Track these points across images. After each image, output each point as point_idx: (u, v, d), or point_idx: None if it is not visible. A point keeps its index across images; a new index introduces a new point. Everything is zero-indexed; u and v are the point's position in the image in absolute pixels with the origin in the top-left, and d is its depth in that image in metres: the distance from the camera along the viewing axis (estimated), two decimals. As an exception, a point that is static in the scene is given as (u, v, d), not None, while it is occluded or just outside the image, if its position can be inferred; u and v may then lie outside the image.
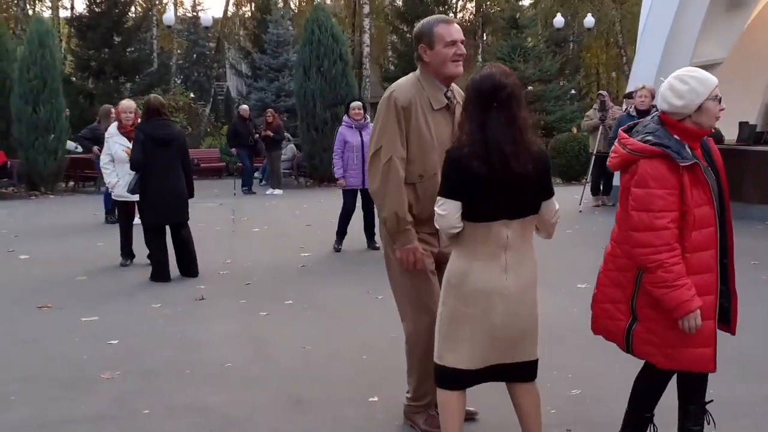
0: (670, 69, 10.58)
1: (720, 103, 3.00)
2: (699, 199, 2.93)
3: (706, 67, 11.79)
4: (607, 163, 3.21)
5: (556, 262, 7.95)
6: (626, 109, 10.53)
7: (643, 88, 8.53)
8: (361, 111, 8.90)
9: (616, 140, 3.11)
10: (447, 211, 2.99)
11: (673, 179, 2.89)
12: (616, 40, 35.70)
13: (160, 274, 7.33)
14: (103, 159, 8.23)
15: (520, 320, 3.06)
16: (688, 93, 2.92)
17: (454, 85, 3.62)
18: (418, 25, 3.59)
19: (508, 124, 2.92)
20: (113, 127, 8.25)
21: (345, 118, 9.05)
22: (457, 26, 3.53)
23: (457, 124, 3.14)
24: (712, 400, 3.31)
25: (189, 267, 7.48)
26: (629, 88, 12.72)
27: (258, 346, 5.30)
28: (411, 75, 3.60)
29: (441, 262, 3.51)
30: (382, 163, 3.44)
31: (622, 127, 3.17)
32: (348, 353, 5.02)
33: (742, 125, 11.10)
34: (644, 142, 2.95)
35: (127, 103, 8.36)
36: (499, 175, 2.89)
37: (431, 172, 3.44)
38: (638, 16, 17.28)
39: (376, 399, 4.18)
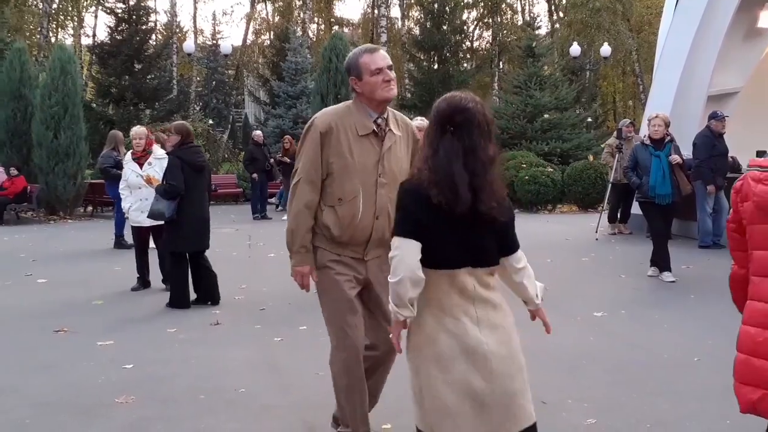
0: (687, 98, 10.60)
1: None
2: None
3: (723, 95, 11.86)
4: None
5: (571, 290, 7.92)
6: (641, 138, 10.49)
7: (657, 117, 8.50)
8: None
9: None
10: (404, 254, 2.57)
11: None
12: (633, 68, 35.77)
13: (181, 300, 7.29)
14: (120, 185, 8.35)
15: (506, 380, 2.64)
16: None
17: (397, 115, 3.69)
18: (347, 59, 3.66)
19: (465, 153, 2.59)
20: (129, 155, 8.40)
21: None
22: (382, 53, 3.57)
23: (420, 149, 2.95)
24: None
25: (213, 293, 7.44)
26: (645, 117, 12.72)
27: (272, 373, 5.29)
28: (343, 103, 3.68)
29: (368, 285, 3.63)
30: (293, 184, 3.57)
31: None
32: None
33: (760, 154, 11.02)
34: None
35: (139, 130, 8.48)
36: (458, 211, 2.55)
37: (350, 195, 3.50)
38: (655, 45, 17.33)
39: (389, 426, 4.15)
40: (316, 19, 39.15)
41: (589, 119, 26.89)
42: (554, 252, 10.36)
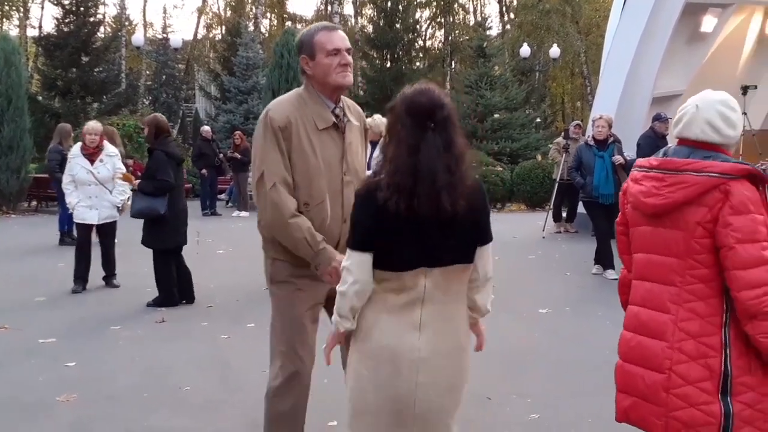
0: (632, 99, 10.81)
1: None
2: None
3: (667, 98, 12.15)
4: (649, 200, 2.55)
5: (518, 287, 8.04)
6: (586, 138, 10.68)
7: (601, 117, 8.69)
8: None
9: (657, 172, 2.56)
10: (355, 267, 2.42)
11: (764, 202, 2.46)
12: (581, 70, 36.35)
13: (169, 299, 7.12)
14: (64, 179, 8.03)
15: (432, 394, 2.45)
16: (738, 121, 2.54)
17: (348, 102, 3.29)
18: (300, 36, 3.21)
19: (445, 150, 2.39)
20: (77, 148, 8.08)
21: None
22: (341, 33, 3.15)
23: (380, 148, 2.56)
24: None
25: (190, 292, 7.28)
26: (591, 118, 12.98)
27: (219, 370, 5.26)
28: (294, 91, 3.21)
29: (332, 295, 3.15)
30: (268, 189, 3.02)
31: (649, 159, 2.69)
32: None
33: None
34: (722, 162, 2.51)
35: (94, 126, 8.19)
36: (424, 213, 2.35)
37: (318, 199, 3.08)
38: (602, 47, 17.66)
39: (335, 423, 4.17)
40: (268, 14, 38.88)
41: (538, 119, 27.29)
42: (502, 250, 10.42)
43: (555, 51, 29.86)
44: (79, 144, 8.14)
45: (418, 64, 34.64)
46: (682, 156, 2.54)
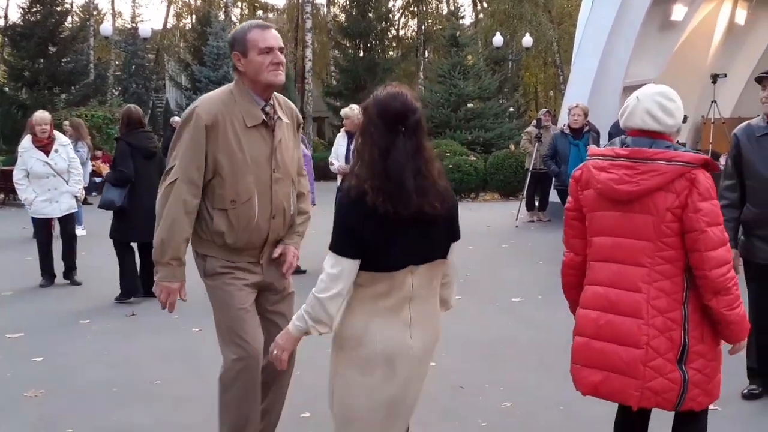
0: (604, 88, 10.86)
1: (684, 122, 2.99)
2: None
3: (638, 87, 12.19)
4: (624, 188, 2.67)
5: (491, 276, 8.06)
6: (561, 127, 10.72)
7: (577, 106, 8.71)
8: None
9: (628, 161, 2.69)
10: (342, 274, 2.41)
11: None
12: (554, 59, 36.49)
13: (131, 291, 7.01)
14: (17, 174, 7.64)
15: (417, 385, 2.60)
16: (677, 111, 2.75)
17: (280, 98, 3.30)
18: (232, 32, 3.23)
19: (414, 154, 2.43)
20: (27, 141, 7.67)
21: None
22: (274, 32, 3.16)
23: (354, 152, 2.57)
24: None
25: None
26: (565, 107, 13.02)
27: (189, 363, 5.20)
28: (225, 87, 3.23)
29: (264, 288, 3.29)
30: (165, 185, 3.08)
31: (605, 146, 2.88)
32: (282, 369, 4.96)
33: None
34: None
35: (42, 115, 7.73)
36: (406, 214, 2.39)
37: (245, 196, 3.09)
38: (575, 36, 17.70)
39: (308, 415, 4.14)
40: (239, 3, 38.50)
41: (511, 109, 27.33)
42: (475, 239, 10.50)
43: (528, 40, 29.93)
44: (29, 137, 7.70)
45: (391, 53, 34.57)
46: (644, 146, 2.71)
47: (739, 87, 14.29)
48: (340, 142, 8.58)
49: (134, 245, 7.13)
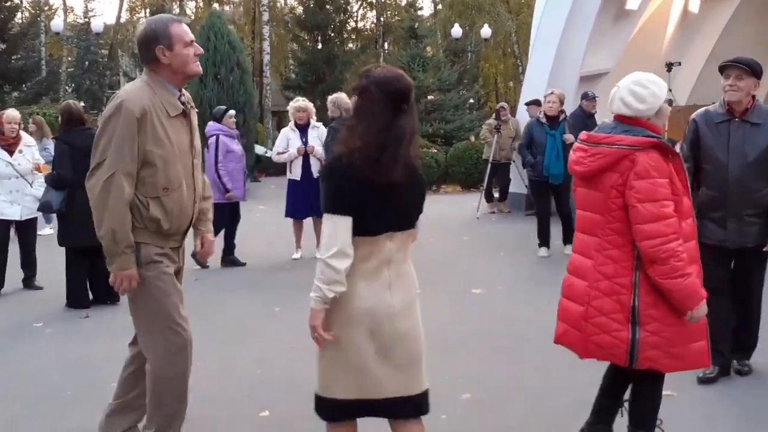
0: (561, 78, 10.89)
1: (671, 105, 3.17)
2: (683, 189, 3.05)
3: (595, 76, 12.33)
4: (577, 168, 3.12)
5: (452, 268, 8.07)
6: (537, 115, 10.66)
7: (552, 93, 8.60)
8: (235, 120, 8.88)
9: (584, 145, 3.10)
10: (340, 230, 2.63)
11: (668, 168, 2.98)
12: (513, 50, 36.67)
13: (80, 300, 6.70)
14: None
15: (408, 342, 2.79)
16: (650, 97, 3.04)
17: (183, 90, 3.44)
18: (146, 27, 3.31)
19: (412, 129, 2.72)
20: None
21: (219, 126, 8.55)
22: (186, 26, 3.37)
23: (347, 127, 2.77)
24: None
25: (111, 293, 6.65)
26: (523, 98, 13.07)
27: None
28: (138, 81, 3.34)
29: (176, 273, 3.44)
30: (103, 178, 3.14)
31: (581, 134, 3.19)
32: (240, 368, 4.90)
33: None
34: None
35: (13, 114, 7.48)
36: (393, 183, 2.64)
37: (176, 183, 3.27)
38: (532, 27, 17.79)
39: (267, 414, 4.08)
40: (194, -4, 37.94)
41: (471, 100, 27.41)
42: (437, 231, 10.50)
43: (486, 31, 30.01)
44: None
45: (350, 45, 34.46)
46: (606, 131, 3.10)
47: (693, 75, 14.48)
48: (291, 135, 8.50)
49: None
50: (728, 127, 4.29)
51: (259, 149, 15.78)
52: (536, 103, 12.03)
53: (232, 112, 8.84)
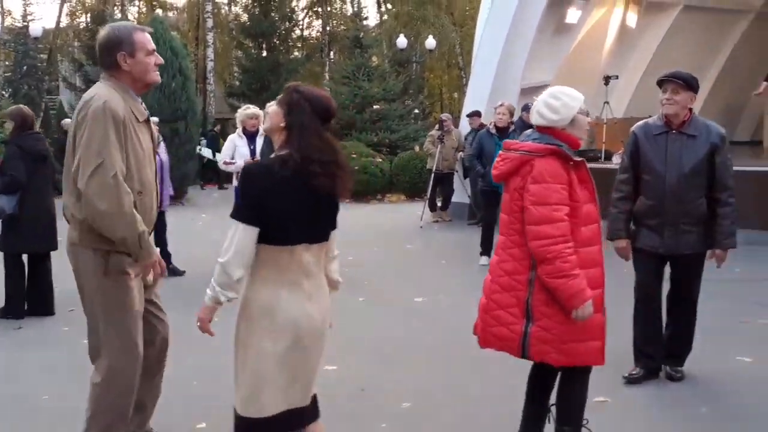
0: (503, 90, 11.09)
1: (588, 117, 3.33)
2: (585, 197, 3.20)
3: (535, 88, 12.51)
4: (493, 172, 3.33)
5: (394, 277, 8.08)
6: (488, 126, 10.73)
7: (502, 105, 8.70)
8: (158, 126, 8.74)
9: (501, 150, 3.31)
10: (242, 239, 2.67)
11: (566, 175, 3.13)
12: (457, 61, 37.09)
13: (16, 310, 6.50)
14: None
15: (315, 356, 2.86)
16: (562, 108, 3.21)
17: None
18: (110, 32, 3.32)
19: (334, 144, 2.86)
20: None
21: None
22: (150, 36, 3.40)
23: (281, 139, 2.82)
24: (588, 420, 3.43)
25: (47, 303, 6.61)
26: (465, 109, 13.22)
27: (80, 377, 4.93)
28: (103, 85, 3.31)
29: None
30: (109, 178, 3.07)
31: (505, 141, 3.38)
32: (177, 379, 4.80)
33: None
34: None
35: None
36: (317, 195, 2.75)
37: (148, 187, 3.33)
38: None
39: (204, 425, 4.02)
40: (135, 1, 37.38)
41: (417, 110, 27.57)
42: (380, 241, 10.54)
43: (431, 42, 30.26)
44: None
45: (296, 53, 34.33)
46: (523, 139, 3.32)
47: (631, 88, 14.87)
48: (238, 142, 8.32)
49: (25, 257, 6.69)
50: (666, 139, 4.45)
51: (205, 152, 15.52)
52: (477, 114, 12.21)
53: (155, 119, 8.68)
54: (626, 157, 4.66)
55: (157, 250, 3.46)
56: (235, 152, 8.11)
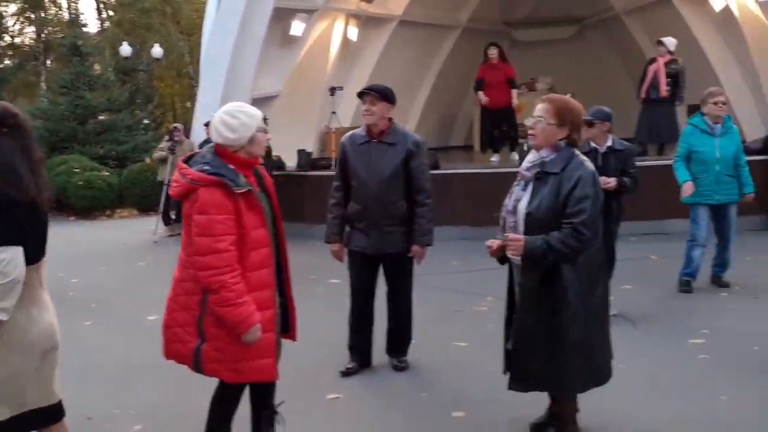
0: (233, 100, 10.97)
1: (266, 134, 3.36)
2: (254, 222, 3.21)
3: (265, 98, 12.67)
4: (170, 192, 3.31)
5: (125, 297, 7.71)
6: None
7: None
8: None
9: (176, 170, 3.29)
10: (16, 259, 2.67)
11: (230, 205, 3.13)
12: (187, 71, 36.31)
13: None
14: None
15: (53, 361, 2.95)
16: (240, 127, 3.19)
17: None
18: None
19: (22, 152, 2.77)
20: None
21: None
22: None
23: None
24: (283, 402, 3.54)
25: None
26: (197, 118, 12.98)
27: None
28: None
29: None
30: None
31: (181, 158, 3.38)
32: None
33: (300, 152, 12.10)
34: (201, 171, 3.15)
35: None
36: (45, 210, 2.79)
37: None
38: (202, 48, 17.77)
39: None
40: None
41: (146, 121, 26.54)
42: (110, 259, 10.01)
43: (158, 51, 29.27)
44: None
45: (7, 61, 31.49)
46: (197, 159, 3.27)
47: (355, 98, 15.45)
48: None
49: None
50: (368, 148, 4.80)
51: None
52: None
53: None
54: (337, 166, 4.99)
55: None
56: None
